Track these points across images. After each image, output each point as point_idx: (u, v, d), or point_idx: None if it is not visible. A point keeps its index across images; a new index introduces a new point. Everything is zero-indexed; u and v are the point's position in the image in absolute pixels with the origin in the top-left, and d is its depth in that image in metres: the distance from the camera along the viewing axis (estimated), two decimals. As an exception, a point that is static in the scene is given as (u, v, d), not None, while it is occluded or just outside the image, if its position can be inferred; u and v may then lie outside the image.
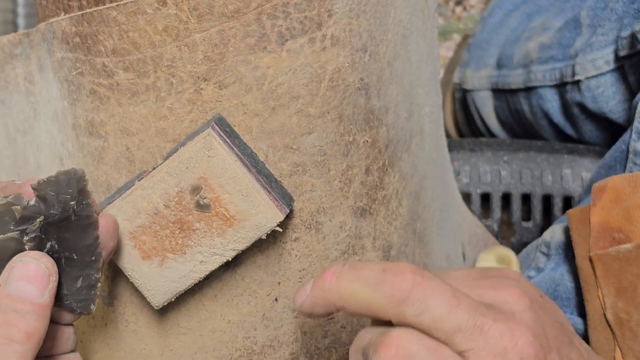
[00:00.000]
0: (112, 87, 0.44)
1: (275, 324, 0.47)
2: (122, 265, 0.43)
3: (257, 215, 0.42)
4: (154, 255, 0.43)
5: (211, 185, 0.42)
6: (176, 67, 0.43)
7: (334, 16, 0.44)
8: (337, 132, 0.45)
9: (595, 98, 0.76)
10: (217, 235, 0.42)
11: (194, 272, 0.43)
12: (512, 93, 0.89)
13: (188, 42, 0.43)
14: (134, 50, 0.43)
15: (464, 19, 1.22)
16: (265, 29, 0.43)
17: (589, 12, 0.76)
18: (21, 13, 1.03)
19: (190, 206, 0.42)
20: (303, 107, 0.44)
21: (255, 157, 0.44)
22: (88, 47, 0.44)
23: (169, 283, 0.43)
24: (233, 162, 0.41)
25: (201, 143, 0.41)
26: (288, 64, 0.44)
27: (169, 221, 0.42)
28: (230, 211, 0.42)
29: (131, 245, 0.43)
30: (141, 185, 0.42)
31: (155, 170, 0.42)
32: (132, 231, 0.43)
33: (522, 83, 0.86)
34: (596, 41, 0.74)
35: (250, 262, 0.46)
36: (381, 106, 0.48)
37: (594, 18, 0.75)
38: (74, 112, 0.46)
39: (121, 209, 0.42)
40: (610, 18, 0.73)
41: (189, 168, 0.41)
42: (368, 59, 0.46)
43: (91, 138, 0.45)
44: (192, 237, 0.43)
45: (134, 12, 0.43)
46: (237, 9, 0.42)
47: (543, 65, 0.82)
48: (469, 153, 0.81)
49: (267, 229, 0.42)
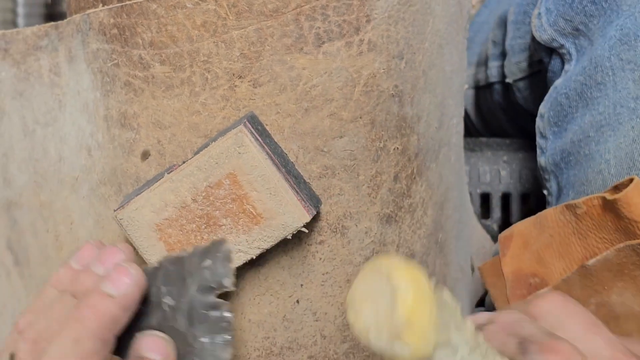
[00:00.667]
0: (148, 79, 0.44)
1: (296, 326, 0.47)
2: (146, 257, 0.43)
3: (284, 214, 0.42)
4: (179, 248, 0.43)
5: (240, 182, 0.41)
6: (212, 62, 0.43)
7: (372, 22, 0.44)
8: (368, 137, 0.45)
9: (526, 99, 0.75)
10: (242, 232, 0.42)
11: None
12: (481, 89, 0.89)
13: (225, 38, 0.43)
14: (171, 43, 0.43)
15: (463, 19, 1.22)
16: (303, 30, 0.43)
17: (515, 9, 0.75)
18: (21, 13, 1.03)
19: (217, 202, 0.42)
20: (336, 110, 0.44)
21: (286, 157, 0.44)
22: (125, 39, 0.44)
23: None
24: (263, 160, 0.41)
25: (232, 139, 0.41)
26: (324, 66, 0.44)
27: (195, 215, 0.42)
28: (258, 209, 0.42)
29: (156, 238, 0.43)
30: (170, 178, 0.42)
31: (185, 164, 0.42)
32: (159, 223, 0.43)
33: (484, 80, 0.86)
34: (516, 44, 0.74)
35: (274, 262, 0.46)
36: (413, 114, 0.47)
37: (518, 16, 0.74)
38: (106, 103, 0.46)
39: (149, 201, 0.42)
40: (524, 21, 0.72)
41: (219, 163, 0.41)
42: (404, 67, 0.46)
43: (123, 130, 0.45)
44: (217, 233, 0.43)
45: (173, 5, 0.43)
46: (276, 8, 0.42)
47: (495, 61, 0.82)
48: (469, 153, 0.80)
49: (293, 229, 0.42)
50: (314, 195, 0.45)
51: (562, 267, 0.50)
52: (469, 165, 0.80)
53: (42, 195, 0.49)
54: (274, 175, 0.41)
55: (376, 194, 0.47)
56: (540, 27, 0.59)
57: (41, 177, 0.49)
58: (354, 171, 0.46)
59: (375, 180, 0.46)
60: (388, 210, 0.47)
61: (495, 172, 0.81)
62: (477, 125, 0.96)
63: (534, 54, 0.70)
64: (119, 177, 0.46)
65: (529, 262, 0.52)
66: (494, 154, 0.81)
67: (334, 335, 0.48)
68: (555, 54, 0.60)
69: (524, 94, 0.75)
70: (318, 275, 0.46)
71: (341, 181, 0.45)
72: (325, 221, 0.46)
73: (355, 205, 0.46)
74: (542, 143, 0.60)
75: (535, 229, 0.52)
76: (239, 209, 0.42)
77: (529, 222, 0.52)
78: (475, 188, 0.81)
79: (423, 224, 0.50)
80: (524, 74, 0.74)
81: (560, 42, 0.58)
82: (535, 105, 0.73)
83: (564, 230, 0.50)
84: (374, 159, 0.46)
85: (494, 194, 0.81)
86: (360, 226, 0.47)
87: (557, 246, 0.50)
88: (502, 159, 0.81)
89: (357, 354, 0.48)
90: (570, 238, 0.49)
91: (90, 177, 0.48)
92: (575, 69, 0.56)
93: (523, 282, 0.52)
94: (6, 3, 1.02)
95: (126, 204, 0.43)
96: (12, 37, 0.48)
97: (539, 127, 0.60)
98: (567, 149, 0.56)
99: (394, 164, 0.47)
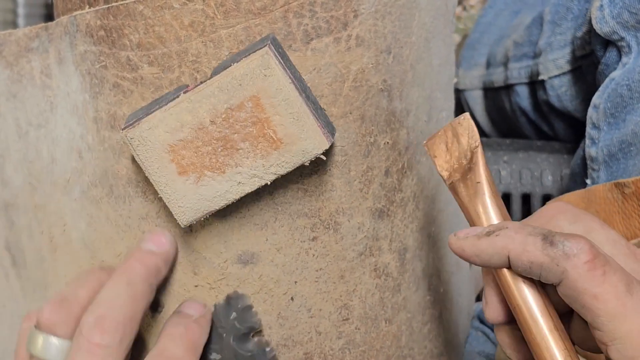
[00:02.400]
0: (136, 80, 0.44)
1: (290, 323, 0.47)
2: (154, 179, 0.42)
3: (305, 140, 0.41)
4: (192, 171, 0.41)
5: (262, 105, 0.40)
6: (201, 62, 0.43)
7: (359, 17, 0.44)
8: (358, 132, 0.46)
9: (560, 97, 0.76)
10: (260, 157, 0.41)
11: (230, 192, 0.42)
12: (496, 91, 0.89)
13: (214, 37, 0.43)
14: (159, 44, 0.43)
15: (463, 19, 1.22)
16: (291, 27, 0.43)
17: (551, 9, 0.76)
18: (21, 13, 1.02)
19: (237, 125, 0.41)
20: (326, 106, 0.44)
21: (304, 82, 0.43)
22: (113, 41, 0.44)
23: (202, 202, 0.42)
24: (288, 84, 0.40)
25: (258, 61, 0.39)
26: (312, 62, 0.44)
27: (212, 138, 0.41)
28: (278, 134, 0.41)
29: (168, 159, 0.41)
30: (188, 98, 0.40)
31: (205, 85, 0.40)
32: (173, 144, 0.41)
33: (502, 81, 0.86)
34: (555, 40, 0.74)
35: (267, 260, 0.46)
36: (402, 108, 0.48)
37: (555, 15, 0.75)
38: (95, 105, 0.46)
39: (163, 121, 0.41)
40: (567, 17, 0.73)
41: (242, 85, 0.40)
42: (392, 61, 0.46)
43: (113, 131, 0.45)
44: (234, 157, 0.41)
45: (160, 6, 0.43)
46: (264, 6, 0.43)
47: (517, 62, 0.82)
48: None
49: (312, 156, 0.41)
50: (330, 123, 0.44)
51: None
52: (469, 166, 0.81)
53: (37, 197, 0.49)
54: (297, 100, 0.40)
55: (368, 189, 0.47)
56: (601, 19, 0.59)
57: (35, 179, 0.49)
58: (345, 167, 0.46)
59: (367, 175, 0.47)
60: (380, 204, 0.48)
61: (495, 172, 0.81)
62: (484, 125, 0.96)
63: (578, 48, 0.70)
64: (110, 179, 0.46)
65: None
66: (494, 154, 0.81)
67: (329, 331, 0.48)
68: (611, 47, 0.60)
69: (559, 91, 0.75)
70: (312, 271, 0.46)
71: (333, 177, 0.46)
72: (318, 217, 0.46)
73: (347, 201, 0.46)
74: (594, 134, 0.60)
75: (582, 202, 0.53)
76: (259, 132, 0.41)
77: (578, 194, 0.53)
78: (475, 188, 0.81)
79: (415, 218, 0.51)
80: (560, 71, 0.75)
81: (621, 34, 0.58)
82: (572, 102, 0.74)
83: (610, 207, 0.51)
84: (364, 154, 0.46)
85: (494, 194, 0.81)
86: (353, 221, 0.47)
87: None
88: (502, 159, 0.81)
89: (352, 350, 0.49)
90: (614, 216, 0.50)
91: (81, 179, 0.47)
92: (638, 61, 0.57)
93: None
94: (6, 3, 1.02)
95: (136, 123, 0.41)
96: (5, 38, 0.48)
97: (591, 117, 0.60)
98: (628, 139, 0.57)
99: (384, 159, 0.47)
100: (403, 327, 0.51)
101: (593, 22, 0.60)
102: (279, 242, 0.45)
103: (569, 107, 0.76)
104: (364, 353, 0.49)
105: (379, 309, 0.49)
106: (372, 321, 0.49)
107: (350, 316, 0.48)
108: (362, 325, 0.49)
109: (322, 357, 0.48)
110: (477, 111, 0.96)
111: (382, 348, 0.50)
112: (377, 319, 0.49)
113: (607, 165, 0.59)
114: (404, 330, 0.52)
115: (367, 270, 0.48)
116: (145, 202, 0.46)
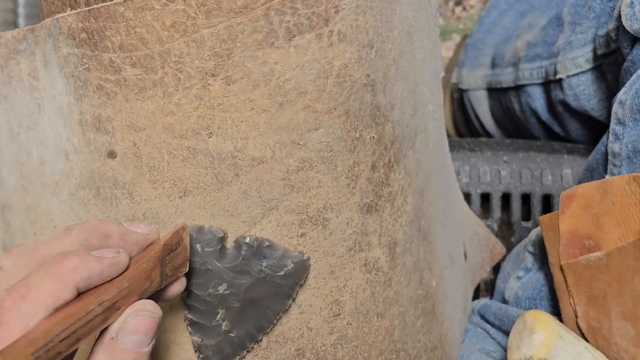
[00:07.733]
0: (120, 82, 0.44)
1: (282, 319, 0.47)
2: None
3: None
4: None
5: None
6: (184, 62, 0.43)
7: (341, 12, 0.44)
8: (343, 128, 0.46)
9: (577, 96, 0.76)
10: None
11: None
12: (504, 91, 0.89)
13: (196, 37, 0.43)
14: (141, 46, 0.43)
15: (463, 19, 1.23)
16: (273, 25, 0.43)
17: (570, 10, 0.77)
18: (22, 13, 1.03)
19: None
20: (310, 103, 0.44)
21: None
22: (95, 43, 0.44)
23: None
24: None
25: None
26: (295, 59, 0.44)
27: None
28: None
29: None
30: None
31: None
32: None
33: (512, 81, 0.87)
34: (575, 39, 0.75)
35: (256, 258, 0.46)
36: (387, 103, 0.48)
37: (575, 15, 0.76)
38: (80, 107, 0.46)
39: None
40: (588, 16, 0.73)
41: None
42: (374, 56, 0.46)
43: (98, 134, 0.45)
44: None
45: (141, 7, 0.43)
46: (245, 5, 0.43)
47: (530, 63, 0.83)
48: (469, 153, 0.81)
49: None
50: None
51: (618, 235, 0.51)
52: (469, 166, 0.81)
53: (28, 198, 0.49)
54: None
55: (355, 184, 0.47)
56: (632, 16, 0.60)
57: (27, 181, 0.49)
58: (331, 162, 0.46)
59: (354, 171, 0.47)
60: (368, 199, 0.48)
61: (495, 172, 0.81)
62: (488, 126, 0.96)
63: (600, 46, 0.70)
64: (97, 181, 0.46)
65: (586, 224, 0.53)
66: (494, 154, 0.82)
67: (320, 327, 0.48)
68: (638, 44, 0.60)
69: (577, 90, 0.76)
70: (301, 268, 0.47)
71: (319, 173, 0.46)
72: (306, 214, 0.46)
73: (334, 197, 0.46)
74: (619, 129, 0.60)
75: (598, 193, 0.53)
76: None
77: (593, 185, 0.54)
78: (475, 188, 0.81)
79: (404, 212, 0.51)
80: (579, 70, 0.75)
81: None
82: (589, 101, 0.75)
83: (627, 200, 0.51)
84: (350, 149, 0.46)
85: (494, 194, 0.81)
86: (341, 217, 0.47)
87: (617, 214, 0.52)
88: (502, 159, 0.82)
89: (345, 345, 0.49)
90: (632, 209, 0.51)
91: (69, 181, 0.47)
92: None
93: (577, 242, 0.54)
94: (6, 3, 1.02)
95: None
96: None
97: (616, 113, 0.60)
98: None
99: (370, 153, 0.47)
100: (395, 322, 0.51)
101: (622, 19, 0.60)
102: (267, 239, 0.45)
103: (586, 105, 0.76)
104: (356, 348, 0.49)
105: (370, 303, 0.49)
106: (364, 316, 0.49)
107: (341, 312, 0.48)
108: (354, 320, 0.49)
109: (314, 353, 0.48)
110: (480, 111, 0.96)
111: (374, 343, 0.50)
112: (369, 313, 0.50)
113: (630, 161, 0.59)
114: (397, 324, 0.52)
115: (357, 266, 0.48)
116: (131, 204, 0.46)
